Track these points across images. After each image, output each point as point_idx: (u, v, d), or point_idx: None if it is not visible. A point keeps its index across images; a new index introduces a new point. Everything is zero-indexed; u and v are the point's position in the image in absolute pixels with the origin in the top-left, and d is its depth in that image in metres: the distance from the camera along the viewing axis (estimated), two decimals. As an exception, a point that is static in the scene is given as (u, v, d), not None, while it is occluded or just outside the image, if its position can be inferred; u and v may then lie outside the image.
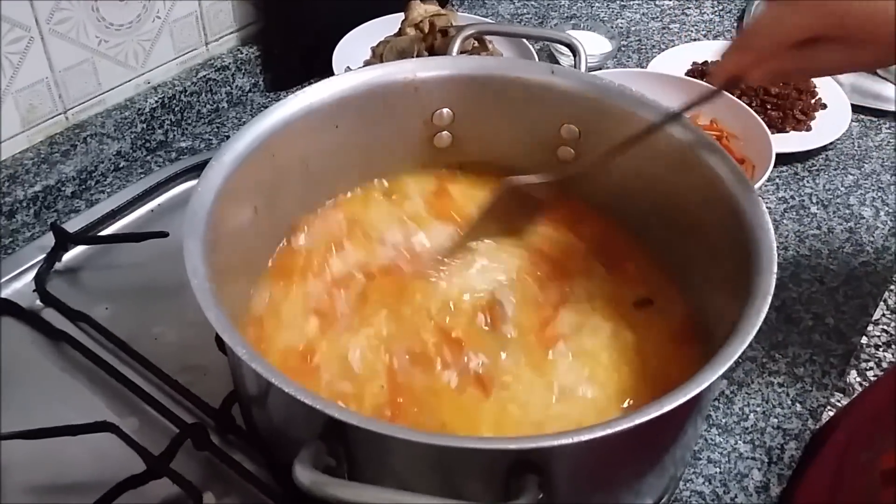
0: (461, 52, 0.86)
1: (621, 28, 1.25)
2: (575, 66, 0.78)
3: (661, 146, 0.69)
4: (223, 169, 0.63)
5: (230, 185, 0.63)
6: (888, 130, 1.09)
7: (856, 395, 0.77)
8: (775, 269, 0.56)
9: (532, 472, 0.46)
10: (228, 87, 1.05)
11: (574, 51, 0.78)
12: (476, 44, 1.05)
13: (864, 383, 0.78)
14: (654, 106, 0.70)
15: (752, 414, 0.75)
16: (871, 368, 0.80)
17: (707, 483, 0.70)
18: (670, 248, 0.73)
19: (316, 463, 0.45)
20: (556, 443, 0.44)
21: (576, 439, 0.44)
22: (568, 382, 0.65)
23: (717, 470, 0.71)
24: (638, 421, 0.45)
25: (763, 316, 0.52)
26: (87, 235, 0.84)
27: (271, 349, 0.66)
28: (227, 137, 1.00)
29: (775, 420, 0.75)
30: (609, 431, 0.45)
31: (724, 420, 0.75)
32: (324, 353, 0.66)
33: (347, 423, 0.44)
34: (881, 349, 0.81)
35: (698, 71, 1.13)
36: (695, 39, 1.24)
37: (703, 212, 0.68)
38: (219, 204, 0.61)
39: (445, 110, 0.77)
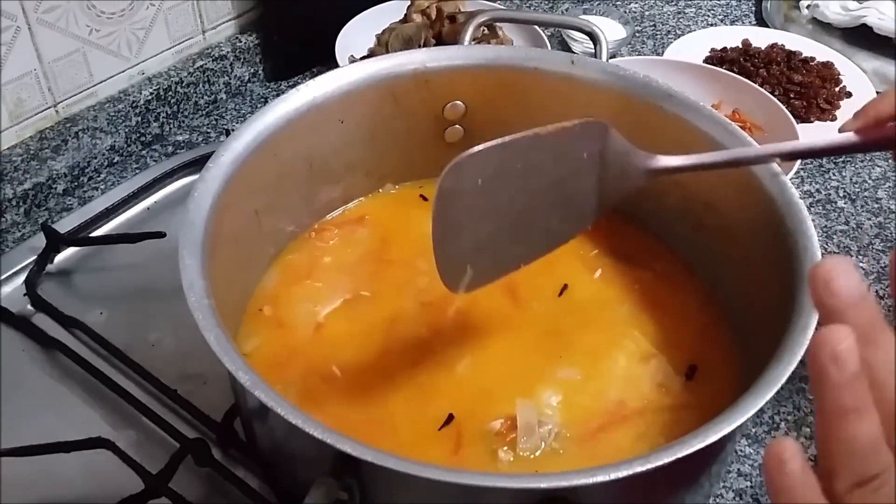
0: (472, 39, 0.82)
1: (635, 13, 1.20)
2: (595, 56, 0.74)
3: (695, 143, 0.64)
4: (222, 171, 0.59)
5: (230, 188, 0.59)
6: (916, 119, 1.05)
7: None
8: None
9: (563, 510, 0.42)
10: (227, 77, 1.01)
11: (594, 39, 0.74)
12: (486, 30, 1.00)
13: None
14: (681, 99, 0.66)
15: (783, 423, 0.71)
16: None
17: (738, 498, 0.66)
18: (697, 248, 0.69)
19: (327, 501, 0.41)
20: (590, 480, 0.40)
21: (612, 476, 0.40)
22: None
23: (748, 484, 0.67)
24: (679, 454, 0.41)
25: (811, 333, 0.48)
26: (79, 236, 0.81)
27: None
28: (226, 130, 0.96)
29: (808, 429, 0.71)
30: (648, 466, 0.41)
31: (753, 430, 0.71)
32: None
33: (362, 460, 0.40)
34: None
35: (717, 58, 1.08)
36: (711, 24, 1.19)
37: (738, 212, 0.64)
38: (217, 210, 0.56)
39: (458, 103, 0.73)
